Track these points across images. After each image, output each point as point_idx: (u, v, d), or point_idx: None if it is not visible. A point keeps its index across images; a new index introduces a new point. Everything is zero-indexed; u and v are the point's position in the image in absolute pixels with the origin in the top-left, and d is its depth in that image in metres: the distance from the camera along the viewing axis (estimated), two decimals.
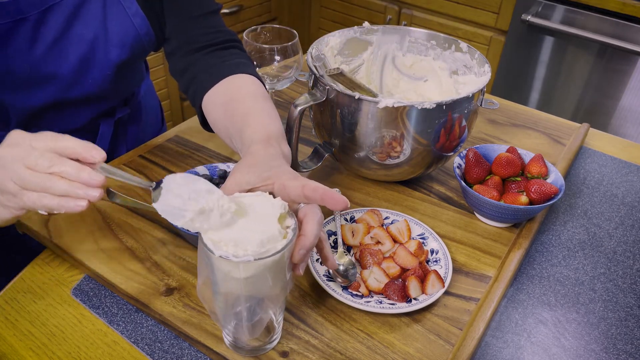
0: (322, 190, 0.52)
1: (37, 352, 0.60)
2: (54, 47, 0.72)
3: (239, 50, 0.83)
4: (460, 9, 2.10)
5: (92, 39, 0.74)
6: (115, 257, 0.70)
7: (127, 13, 0.75)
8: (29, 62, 0.71)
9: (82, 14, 0.72)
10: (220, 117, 0.73)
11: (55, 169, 0.53)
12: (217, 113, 0.75)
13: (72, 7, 0.71)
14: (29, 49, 0.70)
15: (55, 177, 0.53)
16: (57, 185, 0.53)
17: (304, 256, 0.52)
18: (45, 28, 0.70)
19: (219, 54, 0.80)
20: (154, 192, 0.53)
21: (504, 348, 0.64)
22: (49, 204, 0.54)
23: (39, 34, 0.70)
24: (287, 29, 0.95)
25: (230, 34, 0.83)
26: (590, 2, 1.79)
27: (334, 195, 0.52)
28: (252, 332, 0.56)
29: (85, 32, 0.73)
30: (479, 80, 0.85)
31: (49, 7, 0.69)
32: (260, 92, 0.74)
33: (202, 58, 0.79)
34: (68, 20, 0.71)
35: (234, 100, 0.72)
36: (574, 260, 0.76)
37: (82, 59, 0.74)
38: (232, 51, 0.81)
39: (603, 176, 0.93)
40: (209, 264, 0.51)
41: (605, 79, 1.88)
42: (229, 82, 0.76)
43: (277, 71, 0.93)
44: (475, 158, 0.80)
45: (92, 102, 0.83)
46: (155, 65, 1.97)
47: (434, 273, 0.66)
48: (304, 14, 2.57)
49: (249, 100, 0.72)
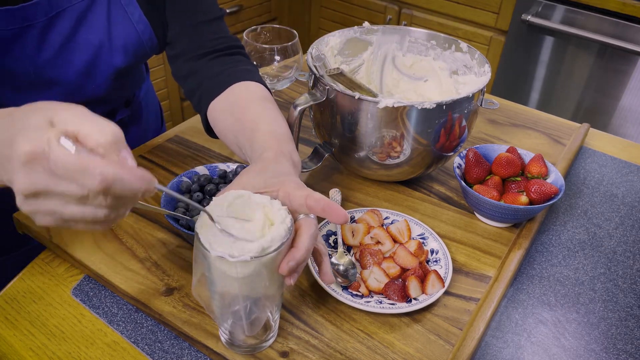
0: (324, 202, 0.53)
1: (37, 352, 0.60)
2: (60, 52, 0.72)
3: (243, 57, 0.83)
4: (460, 9, 2.10)
5: (97, 45, 0.74)
6: (115, 257, 0.70)
7: (131, 19, 0.75)
8: (34, 66, 0.71)
9: (88, 21, 0.72)
10: (229, 126, 0.73)
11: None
12: (224, 122, 0.74)
13: (79, 14, 0.71)
14: (35, 54, 0.71)
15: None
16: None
17: (293, 269, 0.51)
18: (51, 34, 0.71)
19: (223, 60, 0.80)
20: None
21: (504, 348, 0.64)
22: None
23: (45, 39, 0.70)
24: (287, 29, 0.95)
25: (234, 39, 0.83)
26: (590, 2, 1.79)
27: (336, 209, 0.52)
28: (249, 330, 0.57)
29: (91, 38, 0.73)
30: (479, 80, 0.85)
31: (56, 13, 0.70)
32: (268, 99, 0.74)
33: (206, 64, 0.79)
34: (74, 27, 0.72)
35: (242, 109, 0.72)
36: (574, 260, 0.76)
37: (87, 65, 0.74)
38: (236, 57, 0.81)
39: (603, 176, 0.93)
40: (205, 263, 0.51)
41: (605, 79, 1.88)
42: (235, 90, 0.75)
43: (277, 71, 0.93)
44: (475, 158, 0.80)
45: (94, 105, 0.83)
46: (156, 65, 1.97)
47: (434, 273, 0.66)
48: (304, 14, 2.57)
49: (258, 107, 0.71)
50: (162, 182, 0.83)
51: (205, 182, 0.76)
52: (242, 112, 0.72)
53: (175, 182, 0.76)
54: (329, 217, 0.52)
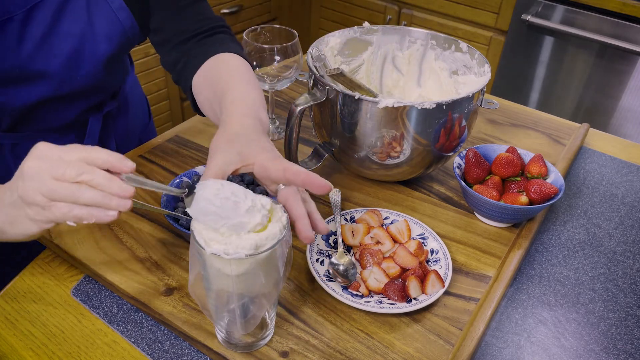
0: (304, 175, 0.53)
1: (37, 352, 0.60)
2: (42, 44, 0.72)
3: (227, 35, 0.83)
4: (460, 9, 2.10)
5: (79, 35, 0.74)
6: (115, 257, 0.70)
7: (111, 7, 0.75)
8: (17, 60, 0.72)
9: (68, 10, 0.73)
10: (205, 97, 0.75)
11: (85, 177, 0.51)
12: (201, 94, 0.76)
13: (57, 4, 0.72)
14: (16, 47, 0.71)
15: (84, 186, 0.51)
16: (87, 194, 0.51)
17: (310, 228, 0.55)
18: (31, 26, 0.71)
19: (206, 41, 0.81)
20: (186, 198, 0.53)
21: (504, 348, 0.64)
22: (79, 214, 0.52)
23: (25, 32, 0.70)
24: (287, 29, 0.95)
25: (217, 19, 0.84)
26: (590, 2, 1.79)
27: (316, 180, 0.52)
28: (245, 328, 0.57)
29: (72, 28, 0.73)
30: (479, 80, 0.85)
31: (34, 5, 0.70)
32: (240, 65, 0.75)
33: (192, 47, 0.80)
34: (54, 17, 0.72)
35: (215, 78, 0.73)
36: (574, 260, 0.76)
37: (71, 55, 0.75)
38: (218, 37, 0.82)
39: (603, 176, 0.93)
40: (201, 261, 0.51)
41: (605, 79, 1.88)
42: (212, 61, 0.77)
43: (277, 71, 0.93)
44: (475, 158, 0.80)
45: (82, 97, 0.83)
46: (156, 65, 1.97)
47: (434, 273, 0.66)
48: (304, 14, 2.57)
49: (227, 75, 0.73)
50: (162, 182, 0.83)
51: None
52: (216, 82, 0.73)
53: (175, 182, 0.76)
54: (310, 189, 0.53)
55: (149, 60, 1.94)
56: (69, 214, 0.52)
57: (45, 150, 0.52)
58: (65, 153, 0.52)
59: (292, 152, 0.79)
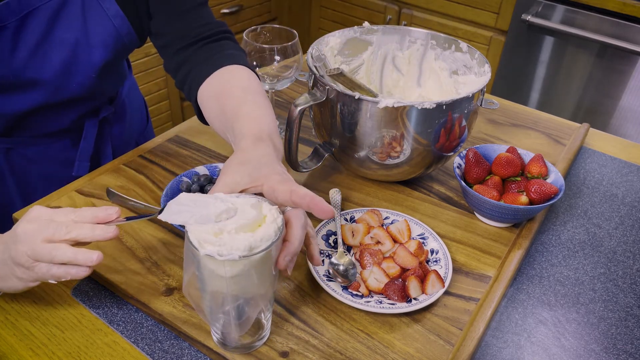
0: (309, 198, 0.53)
1: (37, 352, 0.60)
2: (36, 52, 0.72)
3: (231, 42, 0.82)
4: (460, 9, 2.10)
5: (73, 43, 0.74)
6: (115, 257, 0.70)
7: (107, 14, 0.75)
8: (10, 68, 0.71)
9: (62, 18, 0.72)
10: (214, 111, 0.73)
11: (73, 234, 0.55)
12: (210, 109, 0.74)
13: (51, 12, 0.71)
14: (10, 55, 0.70)
15: (62, 245, 0.55)
16: (62, 253, 0.55)
17: (290, 262, 0.53)
18: (25, 34, 0.70)
19: (210, 47, 0.79)
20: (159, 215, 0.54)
21: (504, 348, 0.64)
22: (56, 273, 0.56)
23: (19, 40, 0.70)
24: (287, 29, 0.95)
25: (220, 24, 0.82)
26: (590, 2, 1.79)
27: (321, 204, 0.53)
28: (241, 329, 0.56)
29: (66, 35, 0.73)
30: (479, 80, 0.85)
31: (27, 13, 0.69)
32: (252, 83, 0.74)
33: (194, 53, 0.79)
34: (48, 25, 0.71)
35: (226, 93, 0.72)
36: (574, 260, 0.76)
37: (65, 63, 0.74)
38: (223, 43, 0.81)
39: (603, 176, 0.93)
40: (195, 262, 0.51)
41: (605, 79, 1.88)
42: (220, 74, 0.75)
43: (277, 71, 0.93)
44: (475, 158, 0.80)
45: (77, 103, 0.83)
46: (156, 65, 1.97)
47: (434, 273, 0.66)
48: (304, 14, 2.57)
49: (241, 92, 0.72)
50: (162, 182, 0.83)
51: (205, 182, 0.76)
52: (226, 97, 0.72)
53: (176, 182, 0.76)
54: (315, 213, 0.53)
55: (149, 60, 1.94)
56: (48, 274, 0.56)
57: (38, 213, 0.57)
58: (56, 214, 0.57)
59: (292, 152, 0.79)
